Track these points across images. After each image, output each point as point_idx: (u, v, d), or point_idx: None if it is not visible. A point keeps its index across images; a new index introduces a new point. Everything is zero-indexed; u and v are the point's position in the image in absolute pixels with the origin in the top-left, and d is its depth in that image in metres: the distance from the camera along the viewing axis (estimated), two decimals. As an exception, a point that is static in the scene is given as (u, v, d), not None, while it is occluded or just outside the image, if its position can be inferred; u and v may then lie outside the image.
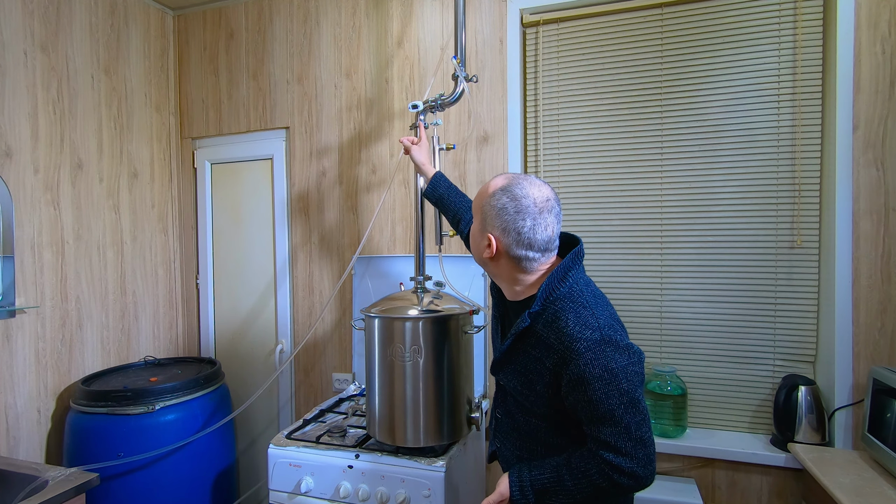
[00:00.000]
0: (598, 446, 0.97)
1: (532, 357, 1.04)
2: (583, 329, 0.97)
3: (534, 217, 1.01)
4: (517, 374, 1.08)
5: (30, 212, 1.87)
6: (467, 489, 1.61)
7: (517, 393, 1.11)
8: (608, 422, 0.95)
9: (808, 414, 1.57)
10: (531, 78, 1.98)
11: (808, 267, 1.68)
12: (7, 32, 1.81)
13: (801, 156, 1.68)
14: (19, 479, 1.38)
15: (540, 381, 1.03)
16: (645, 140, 1.83)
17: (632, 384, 0.95)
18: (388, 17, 2.12)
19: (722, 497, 1.73)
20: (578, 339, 0.96)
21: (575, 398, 0.97)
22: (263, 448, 2.33)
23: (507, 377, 1.12)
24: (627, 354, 0.96)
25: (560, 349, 0.98)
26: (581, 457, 1.00)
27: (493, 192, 1.05)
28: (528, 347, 1.05)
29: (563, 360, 0.97)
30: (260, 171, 2.37)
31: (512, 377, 1.10)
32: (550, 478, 1.01)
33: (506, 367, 1.11)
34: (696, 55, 1.77)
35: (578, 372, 0.95)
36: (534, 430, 1.11)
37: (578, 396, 0.96)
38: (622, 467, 0.94)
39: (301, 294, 2.28)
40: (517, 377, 1.08)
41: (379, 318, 1.50)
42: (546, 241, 1.03)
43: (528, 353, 1.05)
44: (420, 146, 1.62)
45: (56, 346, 1.96)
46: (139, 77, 2.32)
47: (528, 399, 1.08)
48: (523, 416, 1.13)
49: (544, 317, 1.02)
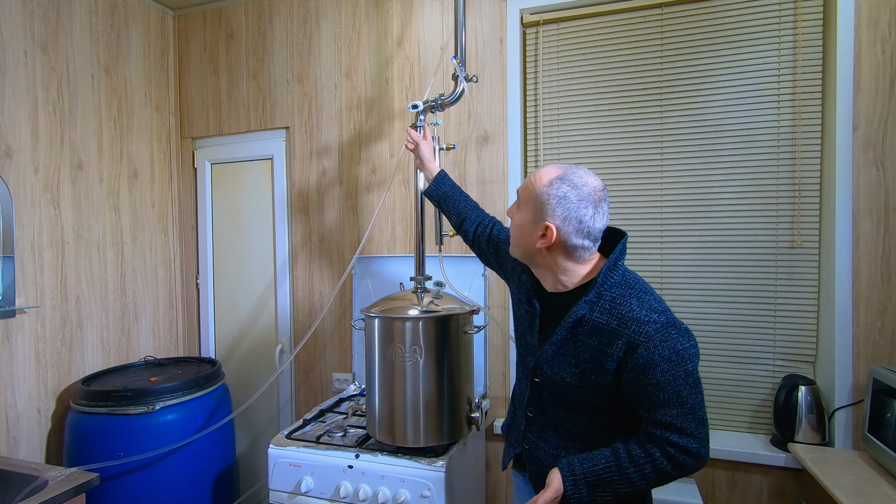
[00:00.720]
0: (663, 429, 0.97)
1: (588, 346, 1.03)
2: (650, 313, 0.98)
3: (595, 205, 1.03)
4: (569, 365, 1.06)
5: (30, 212, 1.87)
6: (467, 489, 1.61)
7: (565, 386, 1.07)
8: (674, 403, 0.96)
9: (808, 414, 1.57)
10: (531, 78, 1.98)
11: (808, 267, 1.68)
12: (7, 32, 1.81)
13: (801, 156, 1.68)
14: (19, 479, 1.38)
15: (597, 370, 1.02)
16: (645, 140, 1.83)
17: (694, 365, 0.98)
18: (388, 17, 2.12)
19: (722, 497, 1.73)
20: (647, 322, 0.97)
21: (639, 382, 0.97)
22: (263, 448, 2.33)
23: (556, 369, 1.08)
24: (687, 336, 0.99)
25: (626, 334, 0.98)
26: (639, 443, 1.00)
27: (550, 181, 1.04)
28: (583, 337, 1.04)
29: (631, 344, 0.98)
30: (260, 171, 2.37)
31: (562, 369, 1.07)
32: (606, 468, 1.00)
33: (556, 360, 1.08)
34: (696, 55, 1.77)
35: (648, 355, 0.96)
36: (573, 428, 1.10)
37: (644, 380, 0.97)
38: (689, 448, 0.95)
39: (301, 294, 2.28)
40: (569, 368, 1.06)
41: (379, 318, 1.50)
42: (601, 230, 1.05)
43: (582, 342, 1.04)
44: (427, 143, 1.60)
45: (56, 346, 1.96)
46: (139, 77, 2.32)
47: (577, 391, 1.06)
48: (564, 412, 1.11)
49: (600, 304, 1.03)
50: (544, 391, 1.14)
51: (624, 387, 1.01)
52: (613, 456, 1.01)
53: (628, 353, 0.98)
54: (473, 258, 1.96)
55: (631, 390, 1.00)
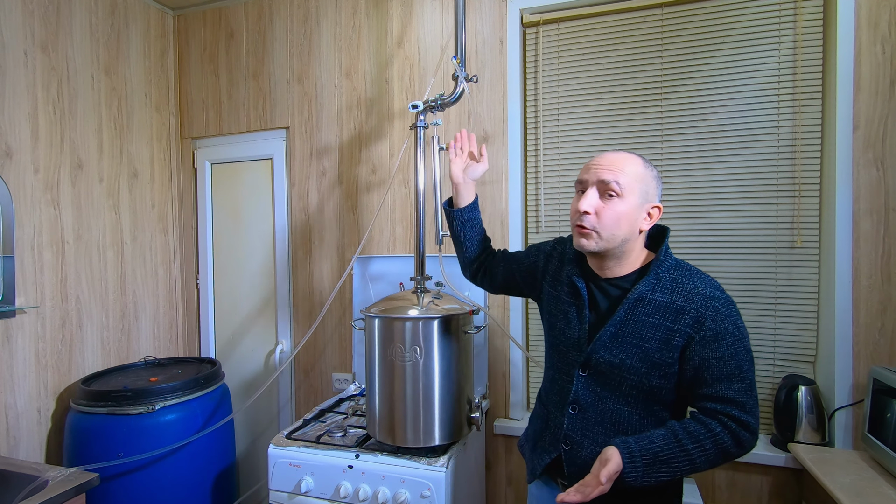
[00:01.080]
0: (724, 404, 0.99)
1: (650, 324, 1.04)
2: (714, 289, 1.04)
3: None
4: (630, 346, 1.05)
5: (30, 212, 1.87)
6: (467, 489, 1.61)
7: (624, 370, 1.06)
8: (736, 378, 0.99)
9: (808, 414, 1.57)
10: (531, 78, 1.98)
11: (808, 267, 1.68)
12: (7, 32, 1.81)
13: (801, 156, 1.68)
14: (19, 479, 1.38)
15: (662, 348, 1.03)
16: (645, 140, 1.83)
17: (750, 344, 1.02)
18: (388, 17, 2.12)
19: (722, 497, 1.73)
20: (714, 298, 1.02)
21: (703, 356, 1.00)
22: (263, 448, 2.33)
23: (615, 352, 1.07)
24: (741, 317, 1.04)
25: (694, 309, 1.02)
26: (696, 420, 1.01)
27: (643, 164, 1.08)
28: (644, 316, 1.05)
29: (698, 319, 1.01)
30: (260, 171, 2.37)
31: (623, 350, 1.06)
32: (664, 445, 0.98)
33: (614, 342, 1.07)
34: (696, 55, 1.77)
35: (715, 328, 1.00)
36: (623, 419, 1.09)
37: (709, 353, 1.00)
38: (749, 424, 0.98)
39: (301, 294, 2.28)
40: (630, 349, 1.05)
41: (379, 318, 1.50)
42: None
43: (644, 321, 1.05)
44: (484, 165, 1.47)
45: (56, 346, 1.96)
46: (139, 77, 2.32)
47: (636, 374, 1.05)
48: (613, 404, 1.09)
49: (660, 284, 1.06)
50: (593, 384, 1.11)
51: (687, 363, 1.02)
52: (670, 433, 1.00)
53: (695, 327, 1.01)
54: (473, 258, 1.96)
55: (693, 366, 1.02)
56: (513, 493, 1.97)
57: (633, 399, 1.08)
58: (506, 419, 1.95)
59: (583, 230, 1.08)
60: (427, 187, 1.76)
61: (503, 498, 1.98)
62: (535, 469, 1.21)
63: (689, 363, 1.02)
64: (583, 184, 1.11)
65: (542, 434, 1.22)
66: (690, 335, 1.02)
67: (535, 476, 1.22)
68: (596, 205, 1.07)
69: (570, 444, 1.14)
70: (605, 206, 1.07)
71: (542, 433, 1.22)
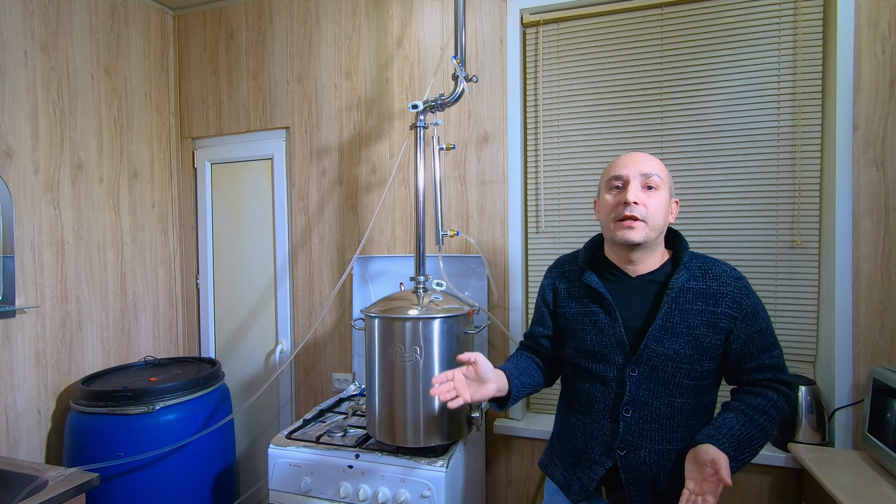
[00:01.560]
0: (773, 371, 1.09)
1: (694, 312, 1.10)
2: (735, 270, 1.13)
3: None
4: (680, 335, 1.09)
5: (30, 212, 1.87)
6: (467, 489, 1.61)
7: (677, 359, 1.08)
8: (773, 345, 1.10)
9: (808, 414, 1.57)
10: (531, 78, 1.98)
11: (808, 267, 1.68)
12: (7, 32, 1.81)
13: (801, 156, 1.68)
14: (19, 479, 1.38)
15: (710, 333, 1.09)
16: (645, 140, 1.83)
17: None
18: (388, 17, 2.12)
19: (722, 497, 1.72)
20: (741, 278, 1.12)
21: (747, 333, 1.09)
22: (263, 448, 2.33)
23: (667, 344, 1.08)
24: None
25: (731, 290, 1.10)
26: (753, 394, 1.09)
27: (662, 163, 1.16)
28: (687, 305, 1.10)
29: (736, 299, 1.09)
30: (260, 171, 2.37)
31: (675, 341, 1.08)
32: (742, 428, 1.03)
33: (664, 335, 1.09)
34: (696, 55, 1.77)
35: (751, 304, 1.10)
36: (676, 412, 1.10)
37: (751, 329, 1.09)
38: (792, 383, 1.11)
39: (301, 294, 2.28)
40: (680, 339, 1.09)
41: (379, 318, 1.50)
42: None
43: (688, 310, 1.10)
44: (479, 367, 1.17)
45: (56, 346, 1.96)
46: (139, 77, 2.32)
47: (689, 362, 1.08)
48: (667, 397, 1.09)
49: (692, 272, 1.13)
50: (646, 381, 1.11)
51: (733, 342, 1.09)
52: (741, 415, 1.06)
53: (735, 307, 1.09)
54: (473, 258, 1.97)
55: (740, 344, 1.09)
56: (513, 492, 1.97)
57: (685, 389, 1.10)
58: (506, 419, 1.95)
59: (633, 221, 1.10)
60: (427, 187, 1.76)
61: (503, 498, 1.98)
62: (588, 485, 1.14)
63: (736, 342, 1.09)
64: (620, 179, 1.13)
65: (588, 447, 1.17)
66: (734, 316, 1.09)
67: (588, 494, 1.15)
68: (642, 196, 1.11)
69: (626, 448, 1.11)
70: (650, 196, 1.11)
71: (587, 446, 1.17)
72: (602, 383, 1.16)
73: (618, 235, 1.12)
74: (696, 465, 1.01)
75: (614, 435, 1.12)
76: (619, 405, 1.12)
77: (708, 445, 1.01)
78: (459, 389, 1.12)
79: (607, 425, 1.14)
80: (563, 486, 1.21)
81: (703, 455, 1.00)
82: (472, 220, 2.00)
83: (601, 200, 1.19)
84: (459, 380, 1.14)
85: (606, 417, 1.15)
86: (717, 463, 0.97)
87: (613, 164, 1.17)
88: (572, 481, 1.18)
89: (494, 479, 1.99)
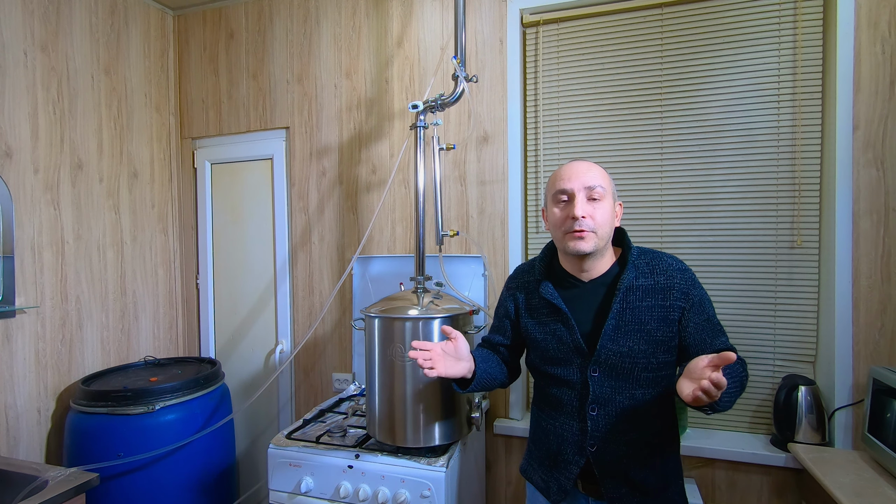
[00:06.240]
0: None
1: (644, 308, 1.14)
2: (680, 262, 1.18)
3: None
4: (634, 332, 1.13)
5: (30, 212, 1.87)
6: (467, 489, 1.61)
7: (633, 355, 1.13)
8: (720, 331, 1.14)
9: (808, 414, 1.57)
10: (531, 78, 1.98)
11: (808, 267, 1.68)
12: (7, 32, 1.81)
13: (801, 156, 1.68)
14: (19, 479, 1.38)
15: (661, 326, 1.13)
16: (645, 140, 1.83)
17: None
18: (388, 17, 2.12)
19: (722, 497, 1.73)
20: (686, 270, 1.17)
21: (697, 320, 1.13)
22: (263, 448, 2.33)
23: (622, 341, 1.13)
24: None
25: (678, 283, 1.14)
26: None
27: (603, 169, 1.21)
28: (637, 302, 1.15)
29: (684, 291, 1.14)
30: (260, 171, 2.37)
31: (629, 337, 1.13)
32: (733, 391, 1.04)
33: (618, 332, 1.14)
34: (696, 55, 1.77)
35: (698, 294, 1.15)
36: (639, 403, 1.14)
37: (699, 317, 1.13)
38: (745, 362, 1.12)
39: (301, 294, 2.28)
40: (634, 335, 1.13)
41: (379, 318, 1.50)
42: None
43: (637, 306, 1.14)
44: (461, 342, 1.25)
45: (56, 346, 1.96)
46: (139, 77, 2.32)
47: (644, 356, 1.13)
48: (629, 390, 1.14)
49: (640, 271, 1.17)
50: (607, 378, 1.16)
51: (684, 331, 1.13)
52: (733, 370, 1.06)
53: (683, 299, 1.14)
54: (473, 258, 1.97)
55: (691, 331, 1.13)
56: (513, 492, 1.97)
57: (644, 381, 1.14)
58: (505, 419, 1.95)
59: (581, 234, 1.14)
60: (427, 187, 1.76)
61: (503, 498, 1.98)
62: (565, 484, 1.19)
63: (687, 330, 1.13)
64: (566, 193, 1.17)
65: (560, 448, 1.22)
66: (682, 307, 1.14)
67: (566, 493, 1.19)
68: (588, 209, 1.15)
69: (595, 444, 1.16)
70: (595, 208, 1.15)
71: (560, 447, 1.22)
72: (568, 386, 1.21)
73: (570, 247, 1.16)
74: (689, 380, 0.94)
75: (583, 433, 1.18)
76: (585, 405, 1.18)
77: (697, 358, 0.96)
78: (436, 361, 1.17)
79: (576, 425, 1.19)
80: (542, 489, 1.26)
81: (695, 365, 0.94)
82: (472, 220, 2.00)
83: (549, 213, 1.22)
84: (437, 353, 1.19)
85: (574, 418, 1.20)
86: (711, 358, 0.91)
87: (557, 176, 1.19)
88: (551, 483, 1.24)
89: (494, 479, 1.99)
